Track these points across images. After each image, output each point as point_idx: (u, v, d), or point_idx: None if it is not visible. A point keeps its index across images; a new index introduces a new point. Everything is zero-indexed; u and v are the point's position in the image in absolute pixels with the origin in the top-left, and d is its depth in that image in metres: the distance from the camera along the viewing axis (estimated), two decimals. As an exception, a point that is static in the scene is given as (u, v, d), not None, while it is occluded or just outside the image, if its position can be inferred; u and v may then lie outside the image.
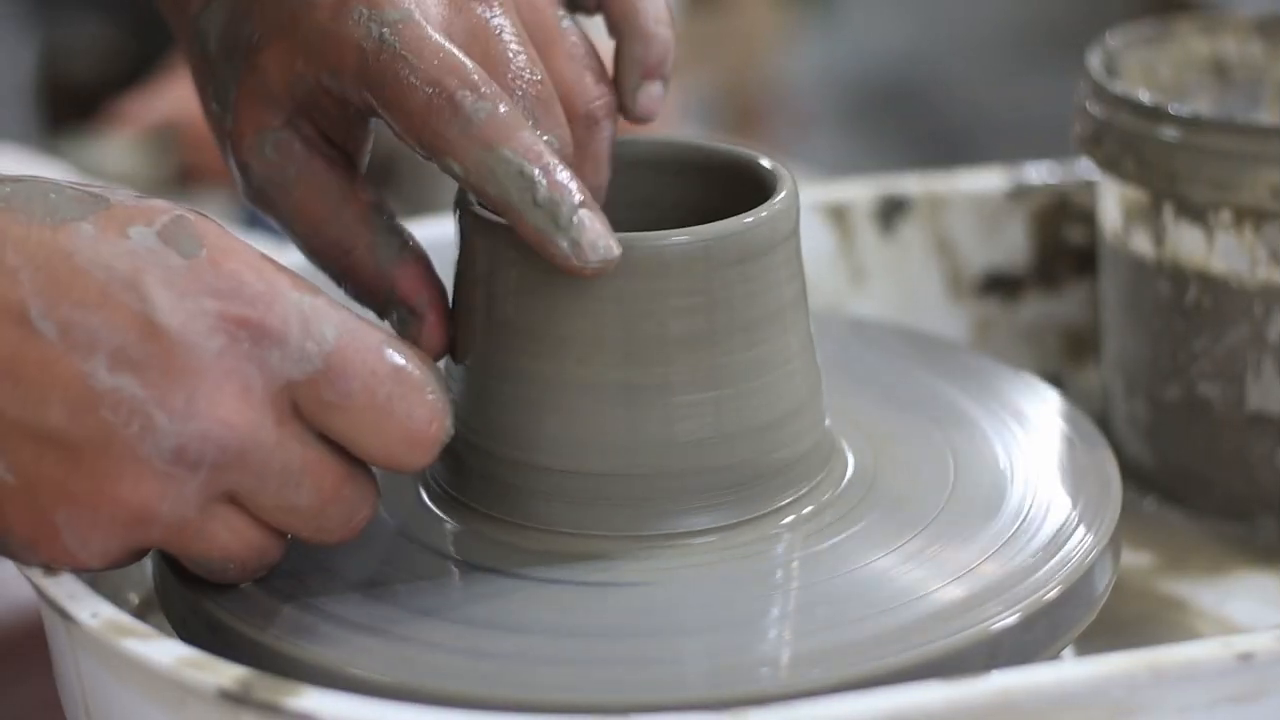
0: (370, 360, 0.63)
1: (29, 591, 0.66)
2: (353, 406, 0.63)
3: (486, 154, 0.65)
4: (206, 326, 0.62)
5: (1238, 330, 0.83)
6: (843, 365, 0.79)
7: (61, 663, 0.65)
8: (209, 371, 0.62)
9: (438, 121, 0.66)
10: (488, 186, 0.65)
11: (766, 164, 0.73)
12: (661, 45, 0.74)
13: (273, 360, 0.63)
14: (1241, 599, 0.80)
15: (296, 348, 0.63)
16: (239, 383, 0.62)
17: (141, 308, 0.62)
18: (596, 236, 0.65)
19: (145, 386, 0.61)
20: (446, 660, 0.63)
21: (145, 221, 0.63)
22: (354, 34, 0.67)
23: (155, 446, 0.62)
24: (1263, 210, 0.81)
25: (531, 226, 0.65)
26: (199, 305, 0.62)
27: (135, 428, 0.61)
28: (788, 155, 2.29)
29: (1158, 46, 0.92)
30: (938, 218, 0.95)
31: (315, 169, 0.70)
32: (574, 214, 0.65)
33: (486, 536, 0.69)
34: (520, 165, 0.65)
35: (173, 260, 0.63)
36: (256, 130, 0.70)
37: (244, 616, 0.65)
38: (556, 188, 0.65)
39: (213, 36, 0.72)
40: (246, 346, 0.62)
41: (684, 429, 0.68)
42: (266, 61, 0.69)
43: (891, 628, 0.64)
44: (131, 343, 0.61)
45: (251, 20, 0.70)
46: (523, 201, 0.65)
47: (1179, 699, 0.60)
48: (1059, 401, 0.79)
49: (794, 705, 0.58)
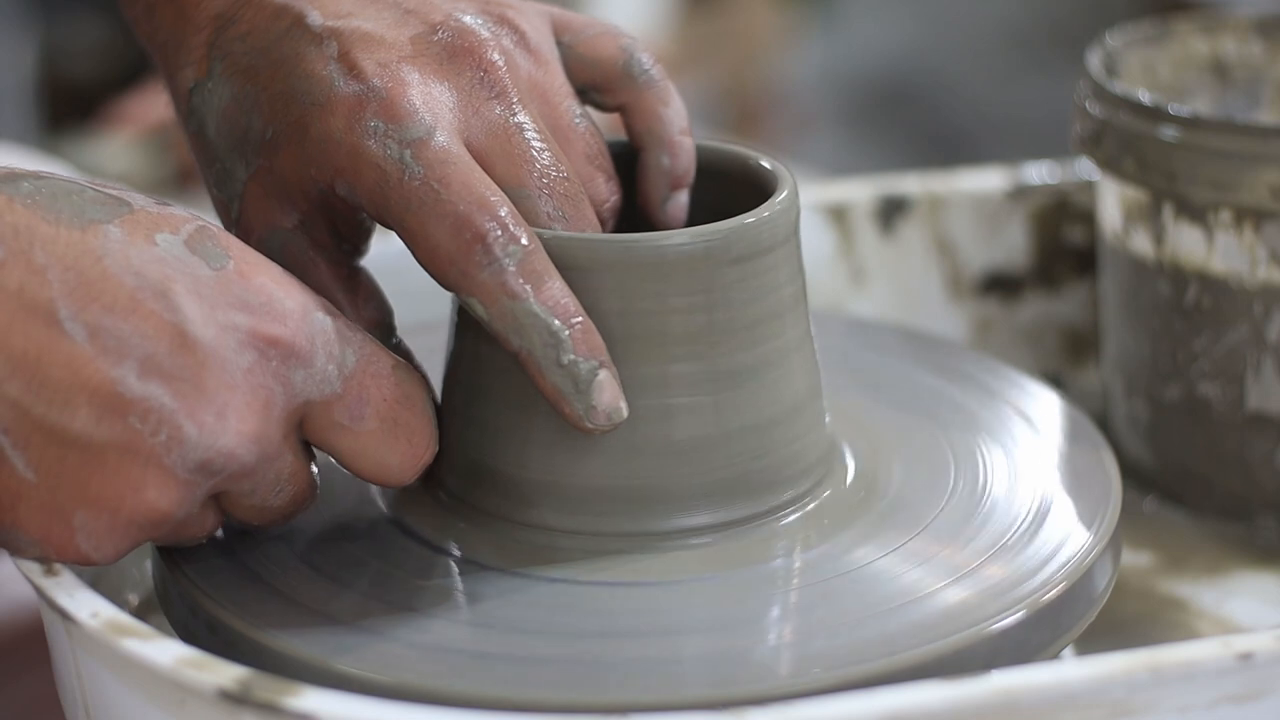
0: (384, 387, 0.65)
1: (29, 591, 0.66)
2: (362, 431, 0.65)
3: (515, 305, 0.65)
4: (238, 342, 0.62)
5: (1238, 330, 0.83)
6: (843, 365, 0.79)
7: (61, 662, 0.65)
8: (239, 388, 0.62)
9: (465, 262, 0.64)
10: (512, 337, 0.65)
11: (767, 164, 0.73)
12: (687, 156, 0.73)
13: (296, 380, 0.63)
14: (1241, 599, 0.80)
15: (320, 370, 0.64)
16: (264, 399, 0.63)
17: (173, 318, 0.61)
18: (610, 400, 0.66)
19: (176, 397, 0.61)
20: (446, 660, 0.62)
21: (171, 229, 0.63)
22: (372, 151, 0.65)
23: (181, 457, 0.62)
24: (1263, 210, 0.81)
25: (550, 384, 0.65)
26: (230, 320, 0.62)
27: (163, 437, 0.61)
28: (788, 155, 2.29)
29: (1158, 46, 0.92)
30: (938, 218, 0.95)
31: (321, 276, 0.69)
32: (593, 378, 0.65)
33: (486, 536, 0.69)
34: (549, 323, 0.65)
35: (201, 271, 0.62)
36: (266, 227, 0.69)
37: (244, 616, 0.65)
38: (580, 348, 0.65)
39: (211, 119, 0.70)
40: (275, 365, 0.63)
41: (684, 428, 0.68)
42: (282, 165, 0.67)
43: (891, 628, 0.64)
44: (163, 352, 0.61)
45: (260, 115, 0.68)
46: (546, 359, 0.65)
47: (1179, 699, 0.60)
48: (1059, 401, 0.79)
49: (794, 705, 0.58)
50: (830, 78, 3.47)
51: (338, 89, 0.66)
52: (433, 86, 0.67)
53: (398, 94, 0.66)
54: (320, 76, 0.67)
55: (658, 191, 0.73)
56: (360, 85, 0.66)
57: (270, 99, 0.68)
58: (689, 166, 0.73)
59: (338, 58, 0.67)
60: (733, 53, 2.90)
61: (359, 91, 0.66)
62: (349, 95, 0.66)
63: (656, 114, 0.73)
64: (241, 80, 0.68)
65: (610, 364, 0.66)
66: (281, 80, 0.67)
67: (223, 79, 0.69)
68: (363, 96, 0.66)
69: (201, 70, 0.70)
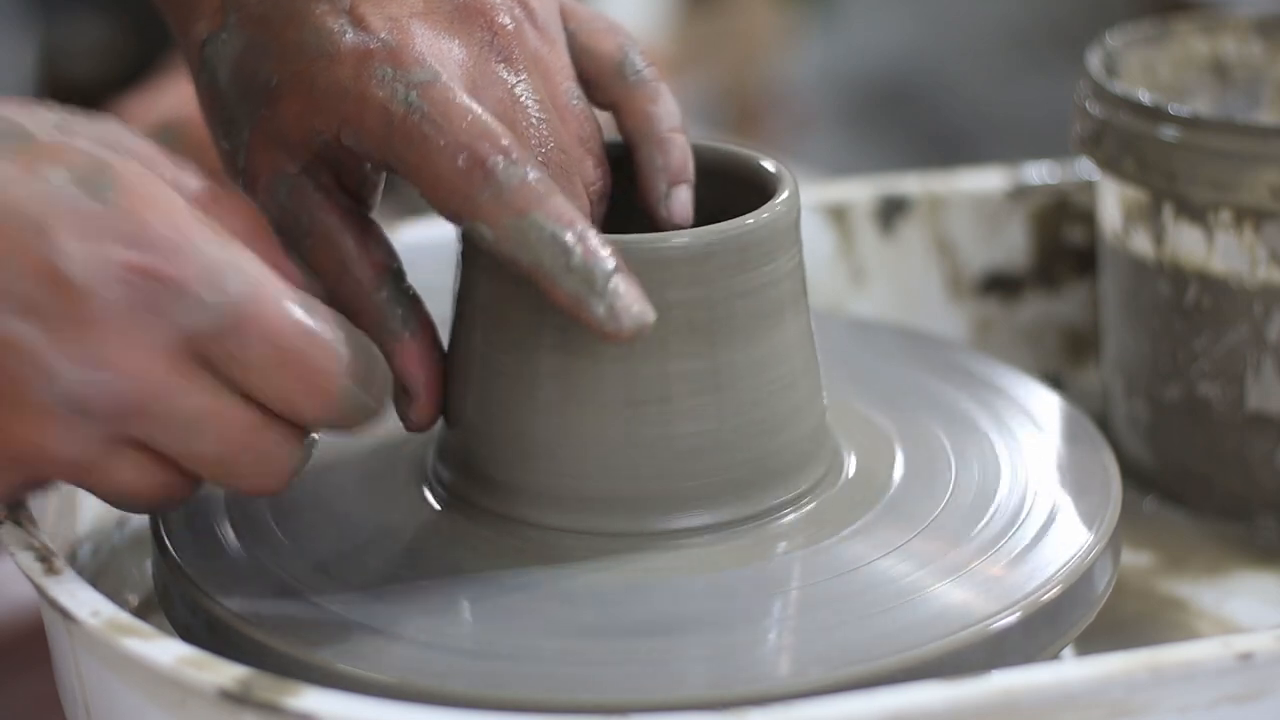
0: (273, 315, 0.63)
1: (29, 590, 0.66)
2: (252, 359, 0.63)
3: (519, 220, 0.64)
4: (110, 276, 0.61)
5: (1238, 330, 0.83)
6: (843, 365, 0.79)
7: (61, 662, 0.65)
8: (112, 322, 0.61)
9: (468, 187, 0.65)
10: (520, 253, 0.64)
11: (767, 164, 0.73)
12: (680, 150, 0.73)
13: (174, 311, 0.62)
14: (1241, 599, 0.80)
15: (196, 299, 0.62)
16: (142, 333, 0.62)
17: (48, 255, 0.61)
18: (631, 301, 0.65)
19: (48, 333, 0.61)
20: (447, 660, 0.63)
21: (66, 164, 0.62)
22: (378, 94, 0.66)
23: (52, 393, 0.61)
24: (1263, 210, 0.81)
25: (565, 292, 0.64)
26: (105, 253, 0.61)
27: (31, 372, 0.61)
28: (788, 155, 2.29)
29: (1158, 46, 0.92)
30: (938, 218, 0.95)
31: (329, 221, 0.69)
32: (609, 280, 0.64)
33: (486, 536, 0.69)
34: (554, 230, 0.64)
35: (84, 204, 0.62)
36: (271, 173, 0.69)
37: (244, 616, 0.65)
38: (590, 254, 0.64)
39: (224, 68, 0.70)
40: (148, 296, 0.62)
41: (684, 429, 0.68)
42: (285, 112, 0.68)
43: (891, 628, 0.64)
44: (35, 290, 0.61)
45: (269, 61, 0.69)
46: (556, 267, 0.64)
47: (1179, 699, 0.60)
48: (1059, 401, 0.79)
49: (794, 705, 0.58)
50: (830, 78, 3.47)
51: (346, 40, 0.67)
52: (442, 41, 0.68)
53: (406, 44, 0.67)
54: (330, 29, 0.67)
55: (655, 189, 0.72)
56: (368, 36, 0.67)
57: (280, 48, 0.68)
58: (684, 162, 0.73)
59: (349, 10, 0.68)
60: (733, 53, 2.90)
61: (367, 42, 0.67)
62: (357, 45, 0.67)
63: (645, 112, 0.73)
64: (255, 29, 0.69)
65: (626, 270, 0.65)
66: (293, 30, 0.68)
67: (237, 29, 0.70)
68: (371, 47, 0.67)
69: (216, 23, 0.70)
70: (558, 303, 0.65)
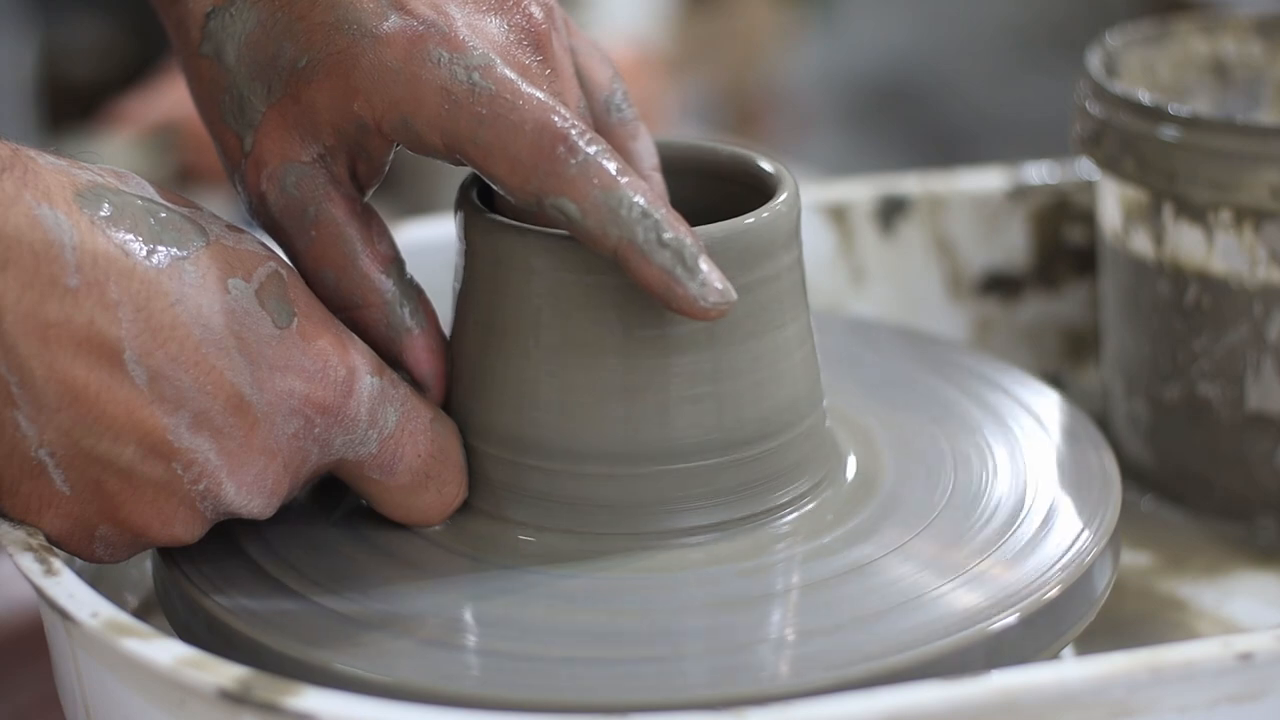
0: (420, 443, 0.67)
1: (29, 591, 0.66)
2: (393, 485, 0.67)
3: (607, 195, 0.63)
4: (289, 408, 0.64)
5: (1238, 330, 0.83)
6: (843, 365, 0.79)
7: (61, 662, 0.65)
8: (280, 453, 0.64)
9: (551, 163, 0.64)
10: (610, 227, 0.63)
11: (767, 164, 0.73)
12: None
13: (336, 443, 0.66)
14: (1241, 599, 0.80)
15: (362, 435, 0.66)
16: (299, 460, 0.65)
17: (232, 377, 0.63)
18: (717, 279, 0.64)
19: (220, 454, 0.63)
20: (447, 660, 0.63)
21: (244, 274, 0.64)
22: (436, 77, 0.65)
23: (213, 505, 0.64)
24: (1263, 210, 0.81)
25: (658, 268, 0.63)
26: (286, 385, 0.64)
27: (201, 487, 0.64)
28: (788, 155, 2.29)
29: (1158, 46, 0.92)
30: (938, 218, 0.95)
31: (336, 213, 0.68)
32: (698, 253, 0.64)
33: (486, 536, 0.69)
34: (644, 205, 0.64)
35: (266, 329, 0.64)
36: (281, 160, 0.67)
37: (244, 616, 0.65)
38: (676, 229, 0.64)
39: (231, 45, 0.68)
40: (319, 431, 0.65)
41: (684, 429, 0.68)
42: (315, 95, 0.67)
43: (891, 628, 0.64)
44: (217, 409, 0.63)
45: (293, 43, 0.67)
46: (648, 243, 0.63)
47: (1179, 699, 0.60)
48: (1059, 401, 0.79)
49: (794, 705, 0.58)
50: (830, 78, 3.47)
51: (391, 22, 0.66)
52: (485, 25, 0.67)
53: (454, 27, 0.66)
54: (369, 10, 0.66)
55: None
56: (414, 20, 0.66)
57: (308, 28, 0.67)
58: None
59: None
60: (733, 53, 2.90)
61: (413, 25, 0.66)
62: (405, 28, 0.66)
63: (627, 149, 0.73)
64: (272, 6, 0.68)
65: (704, 247, 0.65)
66: (324, 10, 0.67)
67: (248, 6, 0.68)
68: (419, 29, 0.66)
69: None
70: (646, 279, 0.64)
